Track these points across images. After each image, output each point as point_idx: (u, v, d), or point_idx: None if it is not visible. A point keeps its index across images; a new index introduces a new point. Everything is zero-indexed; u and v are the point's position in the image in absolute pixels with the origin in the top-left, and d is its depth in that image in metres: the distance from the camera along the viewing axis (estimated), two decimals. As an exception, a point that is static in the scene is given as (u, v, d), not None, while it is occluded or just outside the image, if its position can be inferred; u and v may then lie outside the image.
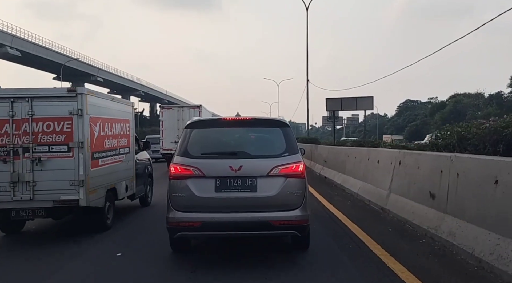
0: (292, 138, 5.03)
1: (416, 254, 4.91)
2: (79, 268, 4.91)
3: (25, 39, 55.95)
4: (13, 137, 6.00)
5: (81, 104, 6.04)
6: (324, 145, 17.13)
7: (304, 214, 4.68)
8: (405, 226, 6.25)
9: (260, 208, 4.57)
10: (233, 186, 4.61)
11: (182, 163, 4.72)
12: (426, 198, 5.83)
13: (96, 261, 5.16)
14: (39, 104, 6.05)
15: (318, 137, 41.60)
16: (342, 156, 12.36)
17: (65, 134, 6.02)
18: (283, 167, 4.65)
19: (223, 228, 4.61)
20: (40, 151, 6.01)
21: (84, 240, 6.17)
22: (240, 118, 5.34)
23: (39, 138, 6.02)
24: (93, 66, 75.49)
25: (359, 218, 7.01)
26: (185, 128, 5.10)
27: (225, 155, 4.88)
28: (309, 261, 4.91)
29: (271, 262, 4.87)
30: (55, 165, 6.03)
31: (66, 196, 5.97)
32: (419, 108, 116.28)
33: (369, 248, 5.29)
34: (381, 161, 8.26)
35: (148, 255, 5.22)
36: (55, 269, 4.84)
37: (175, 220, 4.65)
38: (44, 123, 6.03)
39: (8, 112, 5.99)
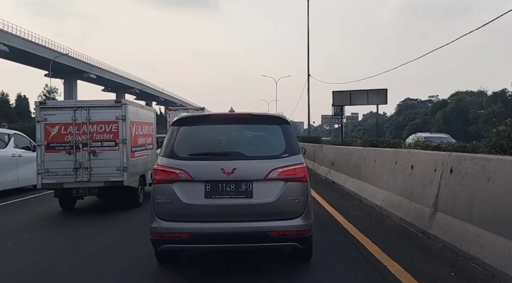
0: (293, 136, 4.47)
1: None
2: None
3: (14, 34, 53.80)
4: (75, 136, 8.12)
5: (124, 111, 8.19)
6: (331, 145, 15.08)
7: (307, 224, 4.12)
8: (471, 265, 4.24)
9: (257, 217, 4.04)
10: (225, 192, 4.08)
11: (167, 165, 4.20)
12: (509, 226, 3.83)
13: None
14: (94, 112, 8.16)
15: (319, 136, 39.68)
16: (355, 158, 10.35)
17: (113, 133, 8.14)
18: (282, 169, 4.11)
19: (214, 240, 4.07)
20: (95, 146, 8.14)
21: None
22: (234, 114, 4.81)
23: (94, 136, 8.14)
24: (86, 62, 73.01)
25: (397, 250, 4.99)
26: (171, 125, 4.52)
27: (217, 156, 4.30)
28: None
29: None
30: (106, 156, 8.14)
31: (113, 178, 8.07)
32: (419, 106, 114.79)
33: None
34: (417, 167, 6.24)
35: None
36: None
37: (159, 230, 4.10)
38: (97, 126, 8.15)
39: (72, 117, 8.14)
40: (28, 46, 56.44)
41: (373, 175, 8.54)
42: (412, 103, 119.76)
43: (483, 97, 79.15)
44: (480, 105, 74.87)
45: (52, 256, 5.25)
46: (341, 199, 9.22)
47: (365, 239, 5.53)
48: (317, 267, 4.45)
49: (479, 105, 75.42)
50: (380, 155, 8.27)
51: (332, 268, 4.43)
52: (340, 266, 4.50)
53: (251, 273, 4.41)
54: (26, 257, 5.23)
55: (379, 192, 7.85)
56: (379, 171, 8.14)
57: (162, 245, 4.15)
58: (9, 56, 57.47)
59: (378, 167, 8.21)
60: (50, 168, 8.05)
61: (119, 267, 4.70)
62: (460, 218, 4.76)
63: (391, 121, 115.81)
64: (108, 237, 6.35)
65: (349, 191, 10.10)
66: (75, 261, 4.99)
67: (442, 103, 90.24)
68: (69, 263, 4.93)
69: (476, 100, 77.52)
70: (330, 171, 13.28)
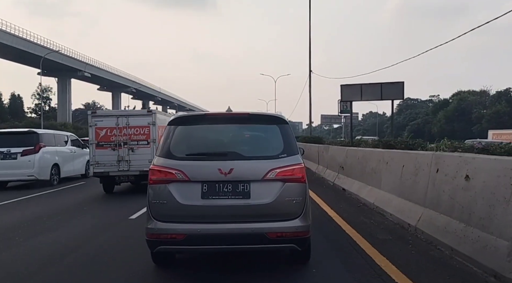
0: (291, 136, 4.39)
1: None
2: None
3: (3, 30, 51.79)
4: (118, 137, 10.89)
5: (154, 118, 10.89)
6: (340, 146, 13.26)
7: (305, 225, 4.03)
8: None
9: (254, 218, 3.96)
10: (222, 192, 4.01)
11: (163, 165, 4.13)
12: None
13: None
14: (132, 119, 10.97)
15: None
16: (373, 163, 8.60)
17: (145, 135, 10.84)
18: (280, 170, 4.04)
19: (211, 242, 4.00)
20: (132, 144, 10.87)
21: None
22: (231, 114, 5.03)
23: (132, 137, 10.87)
24: (80, 60, 70.94)
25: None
26: (168, 125, 4.46)
27: (214, 156, 4.20)
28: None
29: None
30: (140, 152, 10.80)
31: (146, 168, 8.86)
32: (420, 106, 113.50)
33: None
34: (477, 178, 4.49)
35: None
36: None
37: (155, 231, 4.03)
38: (134, 129, 10.87)
39: (115, 123, 10.91)
40: (18, 43, 54.51)
41: (400, 185, 6.79)
42: (412, 102, 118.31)
43: (485, 96, 77.61)
44: (483, 105, 73.34)
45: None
46: (359, 213, 7.47)
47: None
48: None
49: (482, 104, 73.88)
50: (411, 160, 6.51)
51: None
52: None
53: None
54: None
55: (411, 208, 6.09)
56: (410, 180, 6.39)
57: (158, 247, 4.11)
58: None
59: (409, 175, 6.46)
60: (99, 161, 10.85)
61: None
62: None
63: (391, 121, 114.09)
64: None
65: (366, 202, 8.35)
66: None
67: (443, 103, 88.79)
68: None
69: (479, 99, 75.95)
70: (339, 176, 11.53)
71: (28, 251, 5.48)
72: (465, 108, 74.42)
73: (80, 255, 5.23)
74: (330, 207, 8.20)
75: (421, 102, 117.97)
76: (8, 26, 52.92)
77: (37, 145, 13.04)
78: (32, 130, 13.90)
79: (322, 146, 14.71)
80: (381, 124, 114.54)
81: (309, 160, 17.89)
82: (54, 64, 65.23)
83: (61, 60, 65.39)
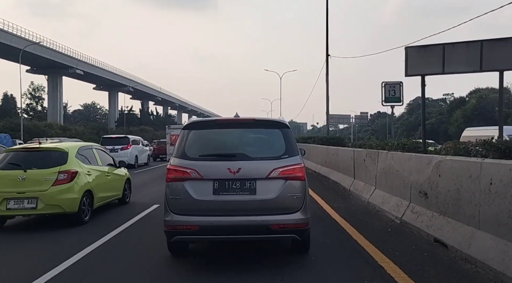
0: (292, 139, 4.95)
1: None
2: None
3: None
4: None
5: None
6: (413, 155, 7.82)
7: (305, 218, 4.62)
8: None
9: (260, 211, 4.52)
10: (231, 189, 4.58)
11: (179, 165, 4.71)
12: None
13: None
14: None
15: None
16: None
17: None
18: (283, 169, 4.62)
19: (221, 232, 4.57)
20: None
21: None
22: (239, 119, 5.43)
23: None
24: (71, 56, 65.93)
25: None
26: (182, 129, 5.12)
27: (224, 157, 4.77)
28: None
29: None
30: None
31: None
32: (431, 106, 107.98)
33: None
34: None
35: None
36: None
37: (172, 223, 4.63)
38: None
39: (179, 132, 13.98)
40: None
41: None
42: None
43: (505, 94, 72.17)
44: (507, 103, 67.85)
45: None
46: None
47: None
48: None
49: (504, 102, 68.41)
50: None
51: None
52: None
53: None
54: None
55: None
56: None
57: (175, 236, 4.66)
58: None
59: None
60: (172, 153, 14.66)
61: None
62: None
63: (402, 121, 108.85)
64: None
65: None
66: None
67: (459, 101, 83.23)
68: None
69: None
70: (415, 208, 6.37)
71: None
72: (485, 107, 68.90)
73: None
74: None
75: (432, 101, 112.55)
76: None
77: (128, 145, 22.33)
78: (126, 136, 24.63)
79: (364, 152, 9.57)
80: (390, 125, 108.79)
81: (335, 169, 12.79)
82: (43, 60, 60.48)
83: (50, 55, 60.63)
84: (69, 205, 7.28)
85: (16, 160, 7.55)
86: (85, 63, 69.91)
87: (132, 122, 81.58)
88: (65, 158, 7.66)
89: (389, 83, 11.15)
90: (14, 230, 7.40)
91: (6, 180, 7.22)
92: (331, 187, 11.73)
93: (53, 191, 7.19)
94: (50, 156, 7.72)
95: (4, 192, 7.12)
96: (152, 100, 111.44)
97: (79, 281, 4.45)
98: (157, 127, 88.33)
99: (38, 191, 7.13)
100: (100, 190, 8.37)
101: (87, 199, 7.78)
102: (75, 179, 7.50)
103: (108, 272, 4.74)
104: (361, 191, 9.34)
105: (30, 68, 66.96)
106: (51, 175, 7.30)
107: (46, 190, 7.15)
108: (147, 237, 6.31)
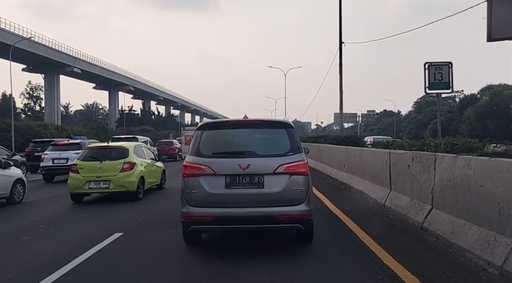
0: (296, 138, 5.37)
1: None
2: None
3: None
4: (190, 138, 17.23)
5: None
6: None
7: (308, 209, 5.03)
8: None
9: (267, 203, 4.91)
10: (242, 183, 4.97)
11: (194, 162, 5.13)
12: None
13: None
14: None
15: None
16: None
17: None
18: (288, 165, 5.02)
19: (232, 222, 4.96)
20: None
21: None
22: (248, 120, 5.89)
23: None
24: (68, 54, 63.56)
25: None
26: (196, 130, 5.57)
27: (234, 155, 5.19)
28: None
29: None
30: None
31: None
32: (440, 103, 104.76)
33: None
34: None
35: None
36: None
37: (188, 214, 5.05)
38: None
39: (193, 133, 15.80)
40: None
41: None
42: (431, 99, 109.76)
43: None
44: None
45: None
46: None
47: None
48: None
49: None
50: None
51: None
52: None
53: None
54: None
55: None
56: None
57: (191, 226, 5.12)
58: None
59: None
60: (185, 151, 19.14)
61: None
62: None
63: (410, 119, 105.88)
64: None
65: None
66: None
67: (470, 98, 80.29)
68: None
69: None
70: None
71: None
72: (499, 104, 66.01)
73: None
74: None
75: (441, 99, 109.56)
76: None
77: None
78: (135, 137, 24.26)
79: (409, 154, 7.00)
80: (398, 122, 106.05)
81: (358, 176, 10.41)
82: (39, 58, 58.27)
83: (46, 53, 58.38)
84: (131, 186, 10.10)
85: (94, 155, 10.46)
86: (83, 61, 67.62)
87: (133, 122, 79.20)
88: (127, 153, 10.52)
89: (435, 64, 8.62)
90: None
91: (88, 168, 10.06)
92: (357, 200, 9.22)
93: (120, 176, 10.03)
94: (117, 152, 10.60)
95: (87, 176, 9.96)
96: (154, 99, 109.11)
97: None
98: (158, 127, 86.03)
99: (110, 175, 9.98)
100: (148, 177, 11.19)
101: (141, 182, 10.51)
102: (134, 168, 10.32)
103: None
104: (407, 210, 6.81)
105: (26, 66, 64.79)
106: (118, 164, 10.14)
107: (116, 175, 10.02)
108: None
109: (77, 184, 9.99)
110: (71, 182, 10.07)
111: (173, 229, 6.44)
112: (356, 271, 4.50)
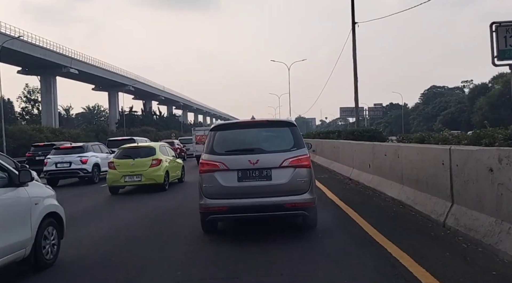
0: (299, 135, 6.10)
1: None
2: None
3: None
4: (202, 138, 22.22)
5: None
6: None
7: (312, 197, 5.74)
8: None
9: (275, 194, 5.62)
10: (252, 177, 5.67)
11: (209, 159, 5.82)
12: None
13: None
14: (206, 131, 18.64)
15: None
16: None
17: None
18: (292, 159, 5.71)
19: (245, 211, 5.68)
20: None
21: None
22: (255, 121, 6.69)
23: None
24: (64, 54, 61.36)
25: None
26: (210, 131, 6.31)
27: (245, 151, 5.90)
28: None
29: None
30: None
31: None
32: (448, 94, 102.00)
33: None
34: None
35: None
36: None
37: (206, 206, 5.78)
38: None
39: (204, 132, 22.54)
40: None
41: None
42: (439, 91, 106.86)
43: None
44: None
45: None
46: None
47: None
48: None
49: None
50: None
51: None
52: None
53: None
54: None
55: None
56: None
57: (209, 216, 5.82)
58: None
59: None
60: (198, 150, 20.95)
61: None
62: None
63: (418, 111, 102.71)
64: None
65: None
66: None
67: (482, 88, 77.32)
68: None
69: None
70: None
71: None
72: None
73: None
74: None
75: (448, 90, 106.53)
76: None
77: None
78: (132, 138, 24.25)
79: (494, 152, 4.68)
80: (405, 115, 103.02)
81: (392, 179, 8.25)
82: (34, 60, 56.18)
83: (41, 54, 56.27)
84: (159, 178, 12.46)
85: (128, 153, 12.96)
86: (79, 61, 65.45)
87: (133, 123, 77.08)
88: (154, 151, 12.96)
89: (505, 25, 6.23)
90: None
91: (123, 165, 12.46)
92: (399, 215, 6.88)
93: (150, 170, 12.41)
94: (146, 150, 13.07)
95: (122, 172, 12.37)
96: (155, 99, 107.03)
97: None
98: (160, 127, 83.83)
99: (141, 170, 12.36)
100: (172, 171, 13.47)
101: (166, 175, 12.82)
102: (161, 164, 12.68)
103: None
104: (490, 237, 4.55)
105: (21, 68, 62.80)
106: (148, 161, 12.53)
107: (146, 170, 12.39)
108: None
109: (114, 179, 12.26)
110: (109, 177, 12.40)
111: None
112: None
